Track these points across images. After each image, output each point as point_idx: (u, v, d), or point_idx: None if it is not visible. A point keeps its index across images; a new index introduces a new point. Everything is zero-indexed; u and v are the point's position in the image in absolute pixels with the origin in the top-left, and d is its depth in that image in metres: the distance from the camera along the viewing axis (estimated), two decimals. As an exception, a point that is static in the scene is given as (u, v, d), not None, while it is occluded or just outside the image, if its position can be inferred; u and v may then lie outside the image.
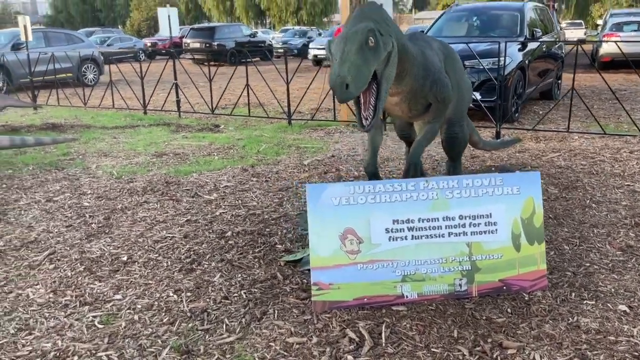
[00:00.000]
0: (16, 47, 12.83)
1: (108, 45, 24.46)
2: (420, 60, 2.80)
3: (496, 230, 2.54)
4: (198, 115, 8.64)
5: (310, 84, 7.85)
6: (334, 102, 7.53)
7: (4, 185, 4.64)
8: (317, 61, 19.28)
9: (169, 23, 8.74)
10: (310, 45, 20.28)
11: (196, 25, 26.08)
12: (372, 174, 3.06)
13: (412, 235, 2.49)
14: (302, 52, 21.37)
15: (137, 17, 46.16)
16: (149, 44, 27.53)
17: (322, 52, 18.90)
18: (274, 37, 29.22)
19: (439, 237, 2.51)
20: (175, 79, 8.54)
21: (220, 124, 7.81)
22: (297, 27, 33.93)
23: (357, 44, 2.34)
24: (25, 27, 9.71)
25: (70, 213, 3.92)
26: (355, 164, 5.17)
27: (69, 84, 11.18)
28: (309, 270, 2.90)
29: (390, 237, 2.48)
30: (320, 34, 28.36)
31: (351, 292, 2.46)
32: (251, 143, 6.32)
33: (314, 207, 2.47)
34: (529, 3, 8.66)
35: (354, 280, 2.45)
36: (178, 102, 8.62)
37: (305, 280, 2.80)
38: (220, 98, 8.57)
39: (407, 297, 2.49)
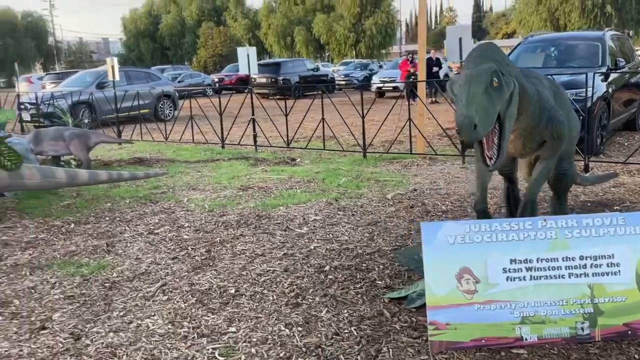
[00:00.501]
0: (101, 86, 13.75)
1: (179, 81, 25.68)
2: (535, 98, 2.80)
3: (619, 271, 2.45)
4: (273, 148, 8.88)
5: (387, 116, 7.94)
6: (410, 134, 7.57)
7: (107, 218, 4.93)
8: (380, 93, 19.44)
9: (248, 61, 9.16)
10: (373, 78, 20.46)
11: (262, 61, 26.96)
12: (482, 212, 3.05)
13: (531, 276, 2.45)
14: (364, 85, 21.71)
15: (204, 55, 48.32)
16: (216, 80, 28.71)
17: (385, 84, 19.07)
18: (337, 70, 29.73)
19: (559, 278, 2.45)
20: (253, 114, 8.87)
21: (295, 157, 8.00)
22: (357, 60, 34.46)
23: (482, 85, 2.38)
24: (112, 67, 10.41)
25: (173, 245, 4.11)
26: (440, 198, 5.15)
27: (148, 119, 11.83)
28: (416, 308, 2.90)
29: (508, 277, 2.45)
30: (381, 66, 28.68)
31: (468, 332, 2.43)
32: (330, 176, 6.42)
33: (430, 246, 2.48)
34: (609, 32, 8.44)
35: (471, 321, 2.43)
36: (255, 136, 8.91)
37: (414, 319, 2.80)
38: (296, 132, 8.79)
39: (526, 339, 2.43)
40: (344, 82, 25.22)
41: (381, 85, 19.13)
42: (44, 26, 60.71)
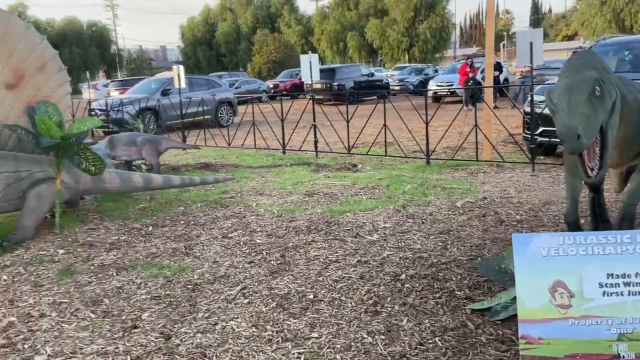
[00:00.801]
0: (165, 93, 14.26)
1: (236, 87, 26.25)
2: (634, 106, 2.71)
3: None
4: (333, 154, 8.94)
5: (452, 122, 7.84)
6: (476, 141, 7.44)
7: (182, 222, 5.10)
8: (437, 98, 19.19)
9: (310, 68, 9.29)
10: (430, 83, 20.22)
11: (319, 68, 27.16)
12: (574, 223, 2.97)
13: (629, 291, 2.36)
14: (422, 90, 21.50)
15: (258, 61, 49.17)
16: (271, 86, 29.18)
17: (442, 89, 18.81)
18: (391, 75, 29.58)
19: (660, 294, 2.35)
20: (314, 120, 8.96)
21: (357, 164, 8.02)
22: (412, 65, 34.15)
23: (584, 94, 2.32)
24: (179, 75, 10.78)
25: (247, 249, 4.21)
26: (512, 207, 5.03)
27: (209, 125, 12.17)
28: (500, 320, 2.85)
29: (605, 292, 2.37)
30: (436, 71, 28.30)
31: (562, 348, 2.36)
32: (394, 183, 6.39)
33: (522, 258, 2.43)
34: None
35: (565, 336, 2.36)
36: (316, 142, 9.00)
37: (500, 331, 2.75)
38: (357, 138, 8.82)
39: (624, 357, 2.34)
40: (398, 87, 25.09)
41: (438, 90, 18.91)
42: (108, 35, 63.51)
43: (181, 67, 11.01)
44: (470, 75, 16.02)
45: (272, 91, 28.07)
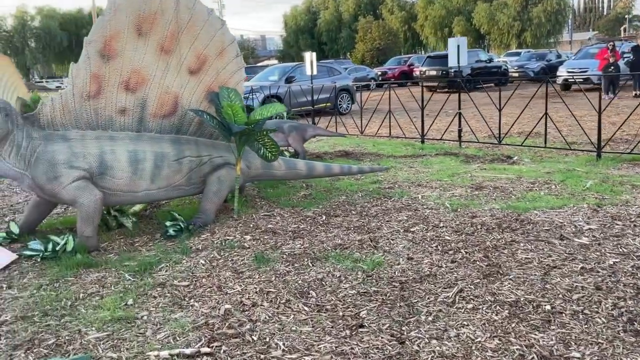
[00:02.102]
0: (289, 80, 14.37)
1: (345, 75, 26.07)
2: None
3: None
4: (478, 145, 8.43)
5: (632, 113, 7.06)
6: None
7: (353, 212, 4.94)
8: (567, 86, 17.77)
9: (458, 52, 8.79)
10: (560, 69, 18.74)
11: (433, 53, 26.36)
12: None
13: None
14: (539, 76, 20.11)
15: (362, 48, 48.81)
16: (379, 73, 28.74)
17: (574, 75, 17.35)
18: (506, 62, 27.99)
19: None
20: (459, 107, 8.49)
21: (511, 155, 7.46)
22: (531, 50, 32.08)
23: None
24: (311, 62, 10.73)
25: (438, 246, 3.93)
26: None
27: (328, 112, 12.07)
28: None
29: None
30: (559, 56, 26.34)
31: None
32: (569, 178, 5.81)
33: None
34: None
35: None
36: (460, 131, 8.53)
37: None
38: (511, 128, 8.24)
39: None
40: (517, 74, 23.65)
41: (569, 77, 17.46)
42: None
43: (314, 55, 10.96)
44: (612, 60, 14.58)
45: (380, 78, 27.65)
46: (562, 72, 17.95)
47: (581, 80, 17.21)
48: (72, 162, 4.19)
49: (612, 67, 14.45)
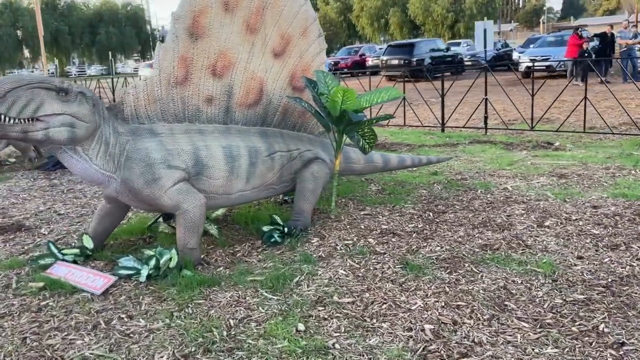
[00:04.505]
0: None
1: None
2: None
3: None
4: (505, 131, 8.28)
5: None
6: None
7: (456, 206, 4.53)
8: (527, 73, 18.23)
9: (485, 36, 8.52)
10: (521, 57, 19.20)
11: (393, 43, 26.36)
12: None
13: None
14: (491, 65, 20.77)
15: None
16: (332, 63, 28.38)
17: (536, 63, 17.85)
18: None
19: None
20: (486, 94, 8.30)
21: (552, 142, 7.35)
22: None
23: None
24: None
25: (596, 241, 3.62)
26: None
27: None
28: None
29: None
30: (506, 45, 27.18)
31: None
32: None
33: None
34: None
35: None
36: (486, 118, 8.35)
37: None
38: (545, 113, 8.14)
39: None
40: (470, 63, 24.15)
41: (531, 64, 17.94)
42: (143, 15, 63.02)
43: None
44: (585, 47, 15.05)
45: (332, 69, 27.32)
46: (524, 60, 18.38)
47: (543, 67, 17.79)
48: (169, 161, 3.49)
49: (587, 54, 14.93)
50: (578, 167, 5.74)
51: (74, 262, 3.57)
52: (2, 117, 2.89)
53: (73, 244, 3.98)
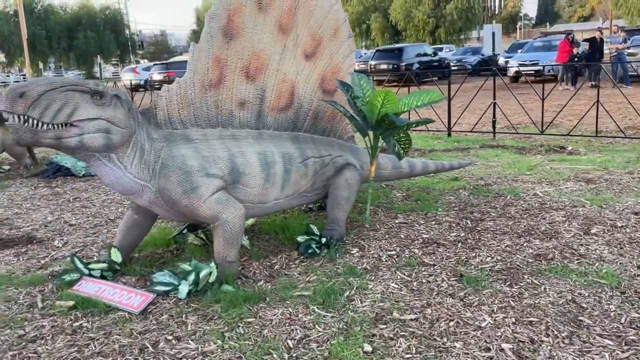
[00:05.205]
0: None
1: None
2: None
3: None
4: (513, 136, 8.20)
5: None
6: None
7: (492, 213, 4.38)
8: (516, 78, 18.34)
9: (493, 40, 8.44)
10: (510, 62, 19.27)
11: (382, 47, 26.35)
12: None
13: None
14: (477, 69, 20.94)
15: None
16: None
17: (525, 68, 17.97)
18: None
19: None
20: (494, 98, 8.21)
21: (563, 146, 7.28)
22: (467, 45, 33.25)
23: None
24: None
25: (648, 249, 3.51)
26: None
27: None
28: None
29: None
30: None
31: None
32: (658, 168, 5.68)
33: None
34: None
35: None
36: (494, 122, 8.26)
37: None
38: (554, 118, 8.08)
39: None
40: (456, 67, 24.26)
41: (521, 69, 18.05)
42: (121, 19, 62.15)
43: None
44: (575, 51, 15.18)
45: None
46: (513, 65, 18.46)
47: (532, 72, 17.92)
48: (206, 168, 3.26)
49: (577, 59, 15.06)
50: (601, 171, 5.66)
51: (102, 277, 3.31)
52: (35, 122, 2.63)
53: (97, 258, 3.71)
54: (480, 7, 52.75)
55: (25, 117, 2.61)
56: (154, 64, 28.90)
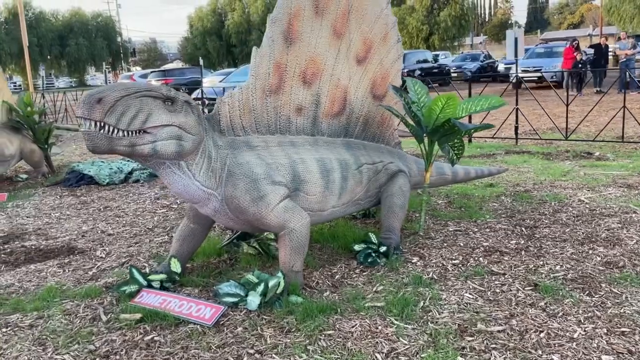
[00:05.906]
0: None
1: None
2: None
3: None
4: (536, 141, 8.17)
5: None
6: None
7: (544, 220, 4.30)
8: (518, 83, 18.38)
9: (515, 45, 8.49)
10: (513, 68, 19.32)
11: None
12: None
13: None
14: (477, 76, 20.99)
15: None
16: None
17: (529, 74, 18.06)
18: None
19: None
20: (517, 103, 8.19)
21: (590, 152, 7.25)
22: (466, 52, 33.41)
23: None
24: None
25: None
26: None
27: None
28: None
29: None
30: (489, 57, 27.56)
31: None
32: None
33: None
34: None
35: None
36: (516, 128, 8.23)
37: None
38: (579, 124, 8.06)
39: None
40: (455, 74, 24.34)
41: (525, 75, 18.13)
42: (113, 27, 61.87)
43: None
44: (579, 58, 15.27)
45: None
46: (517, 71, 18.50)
47: (535, 78, 18.01)
48: (272, 176, 3.16)
49: (581, 65, 15.14)
50: (637, 177, 5.62)
51: (162, 288, 3.19)
52: (111, 129, 2.52)
53: (150, 268, 3.58)
54: (473, 14, 53.17)
55: (102, 124, 2.50)
56: (151, 71, 28.70)
